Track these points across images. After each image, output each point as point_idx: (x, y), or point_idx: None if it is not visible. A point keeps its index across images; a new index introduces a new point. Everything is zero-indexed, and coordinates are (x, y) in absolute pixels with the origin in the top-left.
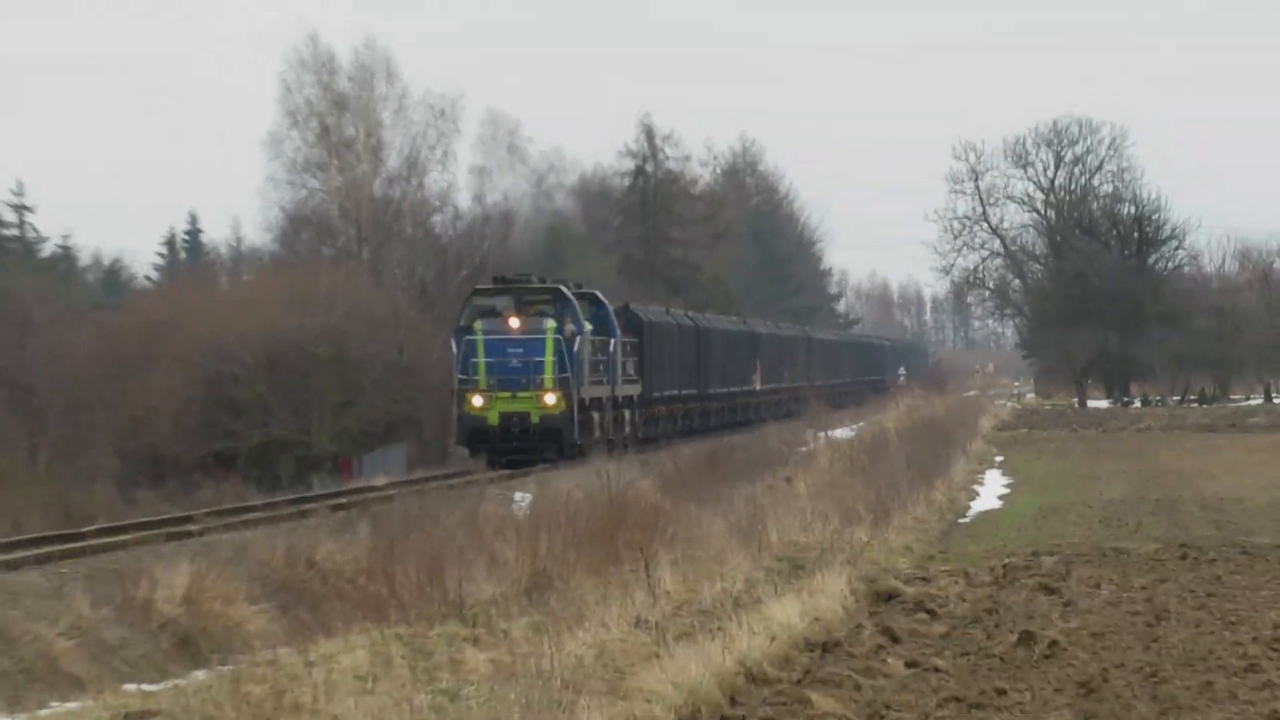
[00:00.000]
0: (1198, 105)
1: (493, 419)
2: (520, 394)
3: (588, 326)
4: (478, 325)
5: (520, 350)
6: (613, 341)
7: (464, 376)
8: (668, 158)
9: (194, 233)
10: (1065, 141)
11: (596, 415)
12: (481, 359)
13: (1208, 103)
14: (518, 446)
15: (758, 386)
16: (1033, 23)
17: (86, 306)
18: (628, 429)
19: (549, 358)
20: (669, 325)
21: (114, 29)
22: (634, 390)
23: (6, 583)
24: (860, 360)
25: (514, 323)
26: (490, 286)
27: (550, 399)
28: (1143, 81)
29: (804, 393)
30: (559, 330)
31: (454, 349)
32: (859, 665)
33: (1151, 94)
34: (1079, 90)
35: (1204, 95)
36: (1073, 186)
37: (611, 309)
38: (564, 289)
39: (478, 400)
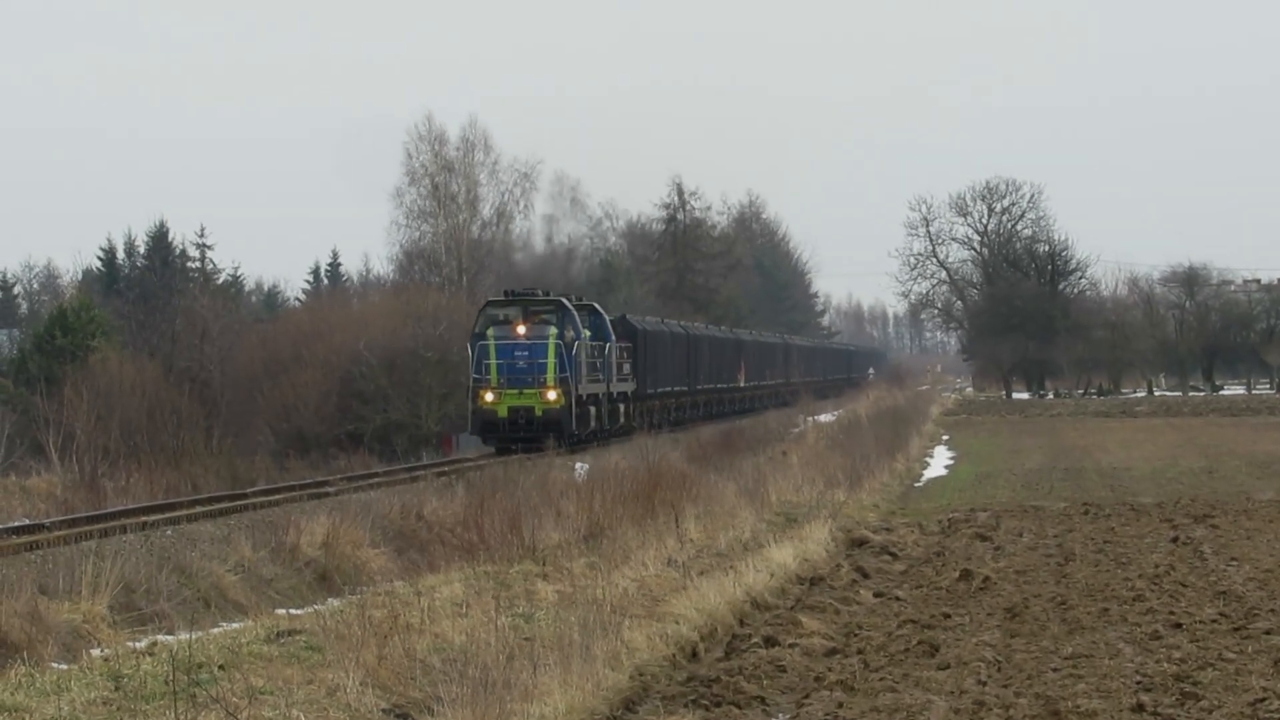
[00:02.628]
0: (1100, 169)
1: (502, 412)
2: (526, 390)
3: (586, 333)
4: (490, 332)
5: (526, 353)
6: (609, 346)
7: (478, 376)
8: (693, 208)
9: (335, 264)
10: (996, 196)
11: (593, 409)
12: (493, 361)
13: (1107, 167)
14: (524, 435)
15: (742, 384)
16: (973, 102)
17: (251, 320)
18: (622, 420)
19: (550, 359)
20: (661, 332)
21: (287, 118)
22: (628, 387)
23: (188, 531)
24: (838, 362)
25: (521, 330)
26: (501, 299)
27: (551, 395)
28: (1061, 150)
29: (783, 389)
30: (560, 336)
31: (470, 352)
32: (838, 595)
33: (1067, 159)
34: (1008, 154)
35: (1103, 162)
36: (1001, 230)
37: (608, 318)
38: (565, 300)
39: (489, 396)
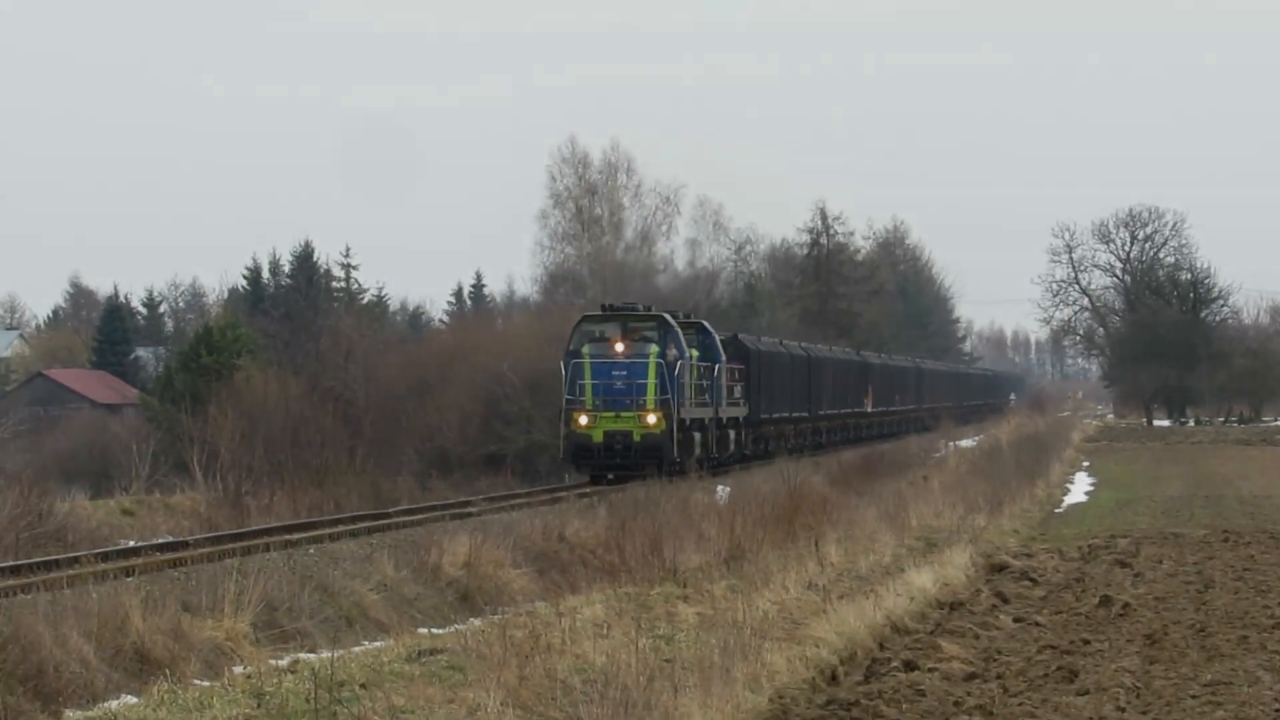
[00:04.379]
0: (1243, 196)
1: (597, 436)
2: (623, 414)
3: (693, 353)
4: (585, 349)
5: (624, 373)
6: (717, 367)
7: (571, 397)
8: (837, 233)
9: (479, 285)
10: (1138, 224)
11: (698, 435)
12: (589, 381)
13: (1251, 193)
14: (620, 463)
15: (869, 409)
16: (1116, 125)
17: (395, 341)
18: (732, 447)
19: (651, 380)
20: (779, 354)
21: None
22: (739, 412)
23: (331, 550)
24: (977, 388)
25: (619, 347)
26: (598, 314)
27: (651, 419)
28: (1203, 176)
29: (916, 415)
30: (661, 355)
31: (563, 371)
32: (978, 620)
33: (1209, 186)
34: (1153, 179)
35: (1247, 189)
36: (1144, 258)
37: (719, 337)
38: (667, 317)
39: (584, 419)
